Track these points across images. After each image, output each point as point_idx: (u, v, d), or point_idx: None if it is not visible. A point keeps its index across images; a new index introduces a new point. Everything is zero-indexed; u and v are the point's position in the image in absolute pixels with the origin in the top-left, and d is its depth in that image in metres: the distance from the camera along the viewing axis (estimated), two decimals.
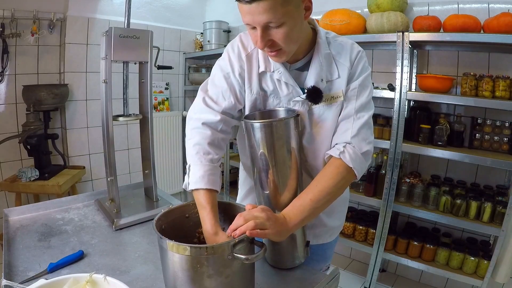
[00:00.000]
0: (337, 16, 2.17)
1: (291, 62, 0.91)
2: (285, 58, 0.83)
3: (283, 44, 0.78)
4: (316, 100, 0.88)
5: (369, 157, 0.89)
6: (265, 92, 0.92)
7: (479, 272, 1.86)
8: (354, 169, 0.84)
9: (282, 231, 0.76)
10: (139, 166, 1.48)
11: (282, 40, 0.77)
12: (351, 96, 0.89)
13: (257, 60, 0.91)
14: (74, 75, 2.53)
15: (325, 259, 1.11)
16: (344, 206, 1.14)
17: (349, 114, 0.88)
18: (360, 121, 0.87)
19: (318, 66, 0.87)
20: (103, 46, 1.17)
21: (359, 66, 0.90)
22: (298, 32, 0.79)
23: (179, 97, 3.39)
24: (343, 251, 2.69)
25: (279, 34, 0.76)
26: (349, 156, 0.84)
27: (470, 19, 1.79)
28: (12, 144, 2.24)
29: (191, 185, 0.84)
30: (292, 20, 0.75)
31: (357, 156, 0.85)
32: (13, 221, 1.15)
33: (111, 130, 1.21)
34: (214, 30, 3.08)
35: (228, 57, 0.92)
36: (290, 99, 0.90)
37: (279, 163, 0.85)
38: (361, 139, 0.87)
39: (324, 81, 0.88)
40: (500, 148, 1.85)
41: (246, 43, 0.92)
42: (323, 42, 0.89)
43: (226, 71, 0.92)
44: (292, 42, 0.79)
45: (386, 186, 2.03)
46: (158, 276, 0.87)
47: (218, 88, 0.92)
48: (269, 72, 0.90)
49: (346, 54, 0.89)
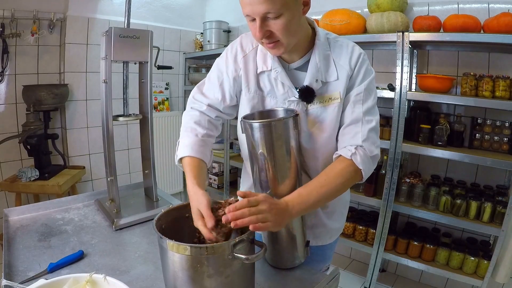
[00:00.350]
0: (337, 16, 2.17)
1: (290, 62, 0.92)
2: (282, 51, 0.84)
3: (281, 35, 0.79)
4: (308, 99, 0.89)
5: (376, 161, 0.90)
6: (262, 91, 0.95)
7: (479, 272, 1.86)
8: (363, 171, 0.85)
9: (283, 221, 0.75)
10: (139, 166, 1.48)
11: (280, 31, 0.78)
12: (357, 100, 0.89)
13: (255, 60, 0.94)
14: (74, 75, 2.53)
15: (325, 260, 1.11)
16: (345, 208, 1.13)
17: (358, 118, 0.88)
18: (369, 125, 0.88)
19: (314, 67, 0.88)
20: (103, 46, 1.17)
21: (361, 69, 0.89)
22: (296, 25, 0.81)
23: (179, 97, 3.39)
24: (343, 251, 2.69)
25: (277, 25, 0.77)
26: (360, 158, 0.85)
27: (470, 19, 1.79)
28: (12, 144, 2.24)
29: (178, 156, 0.92)
30: (290, 12, 0.77)
31: (368, 159, 0.86)
32: (13, 221, 1.15)
33: (111, 130, 1.21)
34: (214, 30, 3.08)
35: (226, 57, 0.98)
36: (286, 98, 0.92)
37: (278, 163, 0.85)
38: (371, 142, 0.87)
39: (319, 82, 0.88)
40: (500, 148, 1.85)
41: (245, 44, 0.96)
42: (321, 43, 0.89)
43: (220, 70, 0.98)
44: (290, 35, 0.80)
45: (386, 186, 2.03)
46: (158, 276, 0.87)
47: (210, 84, 1.00)
48: (267, 71, 0.92)
49: (346, 57, 0.89)
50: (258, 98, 0.95)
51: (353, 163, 0.85)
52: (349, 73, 0.89)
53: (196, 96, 1.01)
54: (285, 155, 0.85)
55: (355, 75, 0.89)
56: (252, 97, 0.95)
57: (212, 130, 0.99)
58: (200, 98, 1.00)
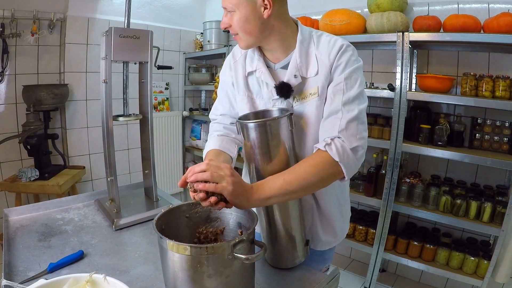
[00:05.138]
0: (337, 16, 2.17)
1: (276, 62, 0.96)
2: (243, 45, 0.92)
3: (237, 29, 0.88)
4: (285, 94, 0.91)
5: (360, 154, 0.83)
6: (251, 93, 1.00)
7: (479, 272, 1.86)
8: (341, 164, 0.79)
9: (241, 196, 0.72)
10: (139, 166, 1.48)
11: (235, 25, 0.87)
12: (336, 91, 0.86)
13: (243, 65, 1.00)
14: (74, 75, 2.53)
15: (325, 261, 1.10)
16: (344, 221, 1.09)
17: (337, 109, 0.84)
18: (349, 115, 0.83)
19: (294, 63, 0.90)
20: (103, 46, 1.17)
21: (341, 60, 0.87)
22: (252, 25, 0.86)
23: (179, 97, 3.39)
24: (343, 251, 2.69)
25: (232, 20, 0.87)
26: (335, 150, 0.79)
27: (470, 19, 1.79)
28: (12, 144, 2.24)
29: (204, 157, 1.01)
30: (243, 11, 0.84)
31: (345, 151, 0.80)
32: (13, 221, 1.15)
33: (111, 130, 1.21)
34: (214, 30, 3.08)
35: (224, 67, 1.08)
36: (270, 98, 0.95)
37: (274, 162, 0.85)
38: (350, 133, 0.82)
39: (298, 77, 0.90)
40: (500, 148, 1.85)
41: (236, 52, 1.05)
42: (302, 40, 0.91)
43: (223, 81, 1.08)
44: (245, 32, 0.88)
45: (386, 186, 2.03)
46: (158, 276, 0.87)
47: (218, 96, 1.11)
48: (253, 71, 0.97)
49: (327, 51, 0.89)
50: (247, 99, 1.00)
51: (328, 154, 0.79)
52: (330, 66, 0.88)
53: (212, 112, 1.14)
54: (281, 154, 0.85)
55: (335, 66, 0.88)
56: (242, 98, 1.01)
57: (230, 134, 1.06)
58: (214, 112, 1.12)
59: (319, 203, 1.00)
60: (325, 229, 1.04)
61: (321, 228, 1.03)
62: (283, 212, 0.89)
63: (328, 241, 1.06)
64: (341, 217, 1.07)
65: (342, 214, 1.07)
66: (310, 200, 1.00)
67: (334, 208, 1.03)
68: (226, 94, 1.07)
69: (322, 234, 1.04)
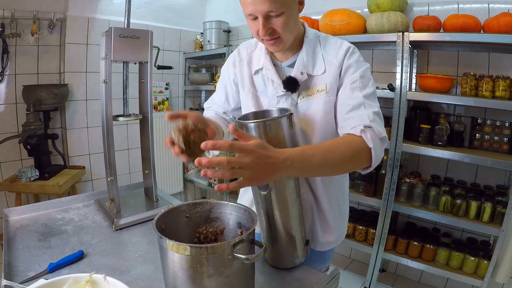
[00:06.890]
0: (337, 16, 2.17)
1: (283, 60, 0.98)
2: (282, 47, 0.90)
3: (282, 32, 0.85)
4: (292, 88, 0.92)
5: (385, 145, 0.84)
6: (256, 90, 1.02)
7: (479, 272, 1.86)
8: (373, 151, 0.79)
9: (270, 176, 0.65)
10: (139, 166, 1.48)
11: (281, 28, 0.84)
12: (355, 87, 0.87)
13: (249, 63, 1.03)
14: (74, 75, 2.53)
15: (325, 261, 1.11)
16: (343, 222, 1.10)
17: (360, 103, 0.85)
18: (373, 108, 0.85)
19: (301, 61, 0.93)
20: (103, 46, 1.17)
21: (351, 60, 0.90)
22: (294, 22, 0.87)
23: (179, 97, 3.39)
24: (343, 251, 2.69)
25: (278, 22, 0.83)
26: (370, 137, 0.79)
27: (470, 19, 1.79)
28: (12, 144, 2.24)
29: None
30: (290, 10, 0.83)
31: (377, 140, 0.81)
32: (13, 221, 1.15)
33: (111, 130, 1.21)
34: (214, 30, 3.08)
35: (227, 63, 1.10)
36: (275, 95, 0.96)
37: None
38: (378, 124, 0.83)
39: (305, 74, 0.92)
40: (500, 148, 1.85)
41: (241, 51, 1.07)
42: (310, 40, 0.95)
43: (223, 75, 1.11)
44: (289, 31, 0.87)
45: (386, 186, 2.03)
46: (158, 276, 0.87)
47: (217, 89, 1.14)
48: (260, 69, 0.99)
49: (334, 51, 0.92)
50: (252, 96, 1.02)
51: (363, 140, 0.79)
52: (338, 66, 0.91)
53: (207, 102, 1.18)
54: None
55: (346, 66, 0.90)
56: (246, 95, 1.03)
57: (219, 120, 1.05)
58: (209, 102, 1.17)
59: (319, 202, 1.00)
60: (324, 229, 1.04)
61: (320, 228, 1.03)
62: (283, 212, 0.88)
63: (327, 241, 1.06)
64: (340, 216, 1.07)
65: (341, 213, 1.07)
66: (310, 199, 1.00)
67: (333, 207, 1.03)
68: (224, 88, 1.11)
69: (321, 235, 1.04)
